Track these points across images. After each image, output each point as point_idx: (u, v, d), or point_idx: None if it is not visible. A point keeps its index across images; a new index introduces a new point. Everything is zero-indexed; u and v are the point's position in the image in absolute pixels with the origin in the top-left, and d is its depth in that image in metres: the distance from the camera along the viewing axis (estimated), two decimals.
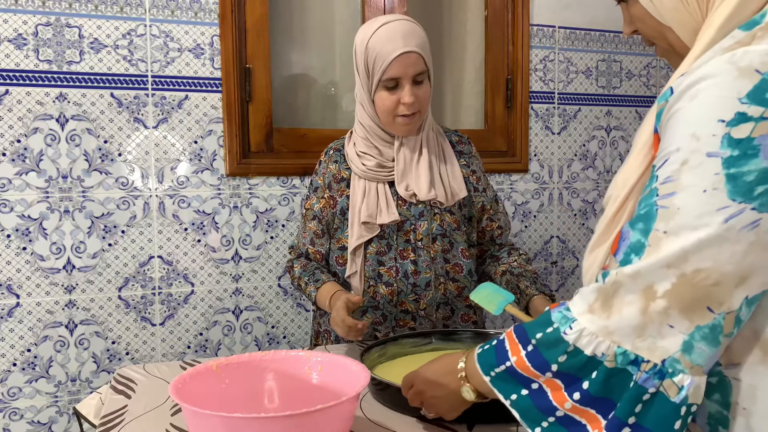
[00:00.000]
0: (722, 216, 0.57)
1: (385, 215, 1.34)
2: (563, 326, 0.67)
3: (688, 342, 0.60)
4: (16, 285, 1.65)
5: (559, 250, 2.24)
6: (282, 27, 1.97)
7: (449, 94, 2.24)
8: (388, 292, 1.37)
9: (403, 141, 1.37)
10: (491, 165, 2.11)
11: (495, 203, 1.48)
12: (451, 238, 1.40)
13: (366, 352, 1.20)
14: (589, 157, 2.26)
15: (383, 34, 1.27)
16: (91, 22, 1.68)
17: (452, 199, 1.37)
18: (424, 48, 1.30)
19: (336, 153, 1.44)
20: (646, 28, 0.76)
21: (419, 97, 1.30)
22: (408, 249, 1.37)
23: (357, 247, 1.36)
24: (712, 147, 0.58)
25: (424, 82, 1.31)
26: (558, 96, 2.20)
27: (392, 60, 1.25)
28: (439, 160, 1.40)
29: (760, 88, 0.57)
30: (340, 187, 1.40)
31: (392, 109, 1.30)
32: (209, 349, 1.85)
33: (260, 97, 1.86)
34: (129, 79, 1.72)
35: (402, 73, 1.27)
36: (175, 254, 1.79)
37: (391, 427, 0.96)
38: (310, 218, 1.44)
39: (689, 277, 0.59)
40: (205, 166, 1.80)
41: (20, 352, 1.67)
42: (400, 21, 1.29)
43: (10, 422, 1.67)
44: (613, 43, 2.26)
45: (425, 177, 1.35)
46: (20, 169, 1.64)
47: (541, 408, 0.69)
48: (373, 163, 1.36)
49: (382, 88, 1.29)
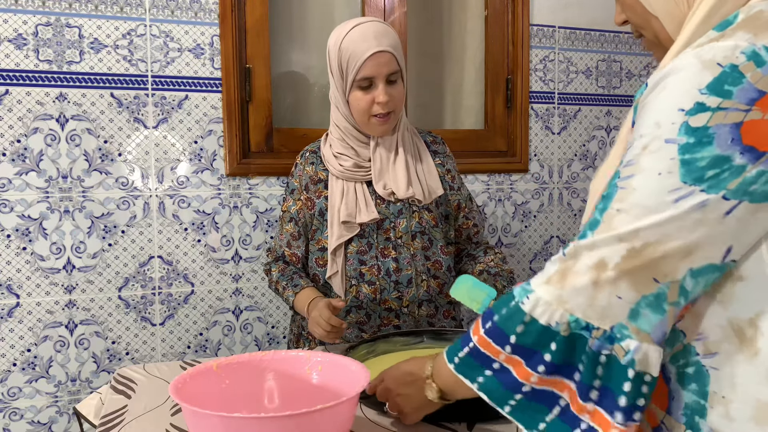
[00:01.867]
0: (673, 197, 0.61)
1: (364, 214, 1.35)
2: (521, 297, 0.70)
3: (635, 309, 0.64)
4: (16, 285, 1.65)
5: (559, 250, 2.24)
6: (282, 27, 1.97)
7: (449, 94, 2.24)
8: (370, 290, 1.38)
9: (379, 141, 1.38)
10: (491, 165, 2.11)
11: (469, 201, 1.50)
12: (431, 236, 1.42)
13: (353, 348, 1.21)
14: (589, 157, 2.26)
15: (356, 34, 1.29)
16: (91, 22, 1.68)
17: (429, 197, 1.39)
18: (397, 48, 1.32)
19: (312, 155, 1.45)
20: (635, 16, 0.78)
21: (393, 97, 1.32)
22: (389, 247, 1.38)
23: (337, 247, 1.37)
24: (671, 134, 0.62)
25: (398, 81, 1.33)
26: (558, 96, 2.20)
27: (366, 59, 1.27)
28: (415, 159, 1.41)
29: (720, 80, 0.60)
30: (318, 188, 1.41)
31: (367, 108, 1.32)
32: (209, 349, 1.85)
33: (260, 97, 1.86)
34: (129, 79, 1.72)
35: (376, 73, 1.29)
36: (175, 254, 1.79)
37: (391, 427, 0.96)
38: (287, 220, 1.45)
39: (638, 250, 0.63)
40: (205, 166, 1.80)
41: (20, 352, 1.67)
42: (373, 22, 1.32)
43: (10, 422, 1.67)
44: (613, 43, 2.26)
45: (402, 175, 1.37)
46: (20, 169, 1.64)
47: (507, 386, 0.71)
48: (350, 163, 1.38)
49: (356, 88, 1.31)
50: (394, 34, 1.33)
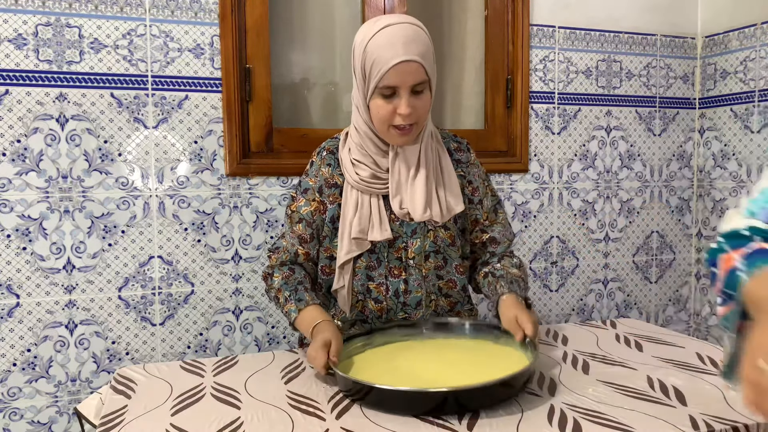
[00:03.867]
0: None
1: (377, 232, 1.27)
2: None
3: None
4: (16, 285, 1.65)
5: (559, 250, 2.24)
6: (282, 27, 1.97)
7: (449, 94, 2.24)
8: (377, 308, 1.34)
9: (398, 151, 1.29)
10: (491, 165, 2.11)
11: (493, 213, 1.41)
12: (445, 254, 1.34)
13: (348, 341, 1.22)
14: (589, 157, 2.26)
15: (383, 38, 1.17)
16: (91, 22, 1.68)
17: (448, 215, 1.31)
18: (426, 56, 1.20)
19: (329, 155, 1.35)
20: None
21: (417, 108, 1.21)
22: (399, 267, 1.32)
23: (345, 262, 1.29)
24: None
25: (424, 92, 1.22)
26: (558, 96, 2.20)
27: (390, 68, 1.16)
28: (436, 174, 1.32)
29: None
30: (332, 193, 1.33)
31: (387, 118, 1.21)
32: (209, 349, 1.85)
33: (260, 97, 1.86)
34: (129, 79, 1.72)
35: (400, 82, 1.18)
36: (175, 254, 1.79)
37: (390, 427, 0.96)
38: (296, 221, 1.34)
39: None
40: (205, 166, 1.80)
41: (20, 352, 1.67)
42: (403, 24, 1.19)
43: (10, 422, 1.67)
44: (613, 43, 2.26)
45: (420, 194, 1.27)
46: (20, 169, 1.64)
47: None
48: (368, 173, 1.29)
49: (378, 95, 1.21)
50: (425, 39, 1.21)
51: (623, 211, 2.33)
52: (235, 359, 1.33)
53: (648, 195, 2.37)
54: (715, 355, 1.30)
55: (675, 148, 2.39)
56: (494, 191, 1.44)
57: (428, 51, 1.21)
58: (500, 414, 0.99)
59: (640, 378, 1.16)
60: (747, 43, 2.21)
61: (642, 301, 2.40)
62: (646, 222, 2.37)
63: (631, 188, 2.33)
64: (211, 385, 1.16)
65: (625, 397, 1.06)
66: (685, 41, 2.37)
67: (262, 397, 1.10)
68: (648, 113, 2.34)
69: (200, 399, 1.09)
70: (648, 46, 2.31)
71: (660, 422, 0.96)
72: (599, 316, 2.33)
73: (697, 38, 2.39)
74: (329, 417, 1.00)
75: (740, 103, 2.24)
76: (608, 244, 2.32)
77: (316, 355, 1.12)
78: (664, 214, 2.40)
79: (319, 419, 0.99)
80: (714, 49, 2.34)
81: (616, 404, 1.03)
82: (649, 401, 1.04)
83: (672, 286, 2.44)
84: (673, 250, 2.43)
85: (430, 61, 1.22)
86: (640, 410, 1.00)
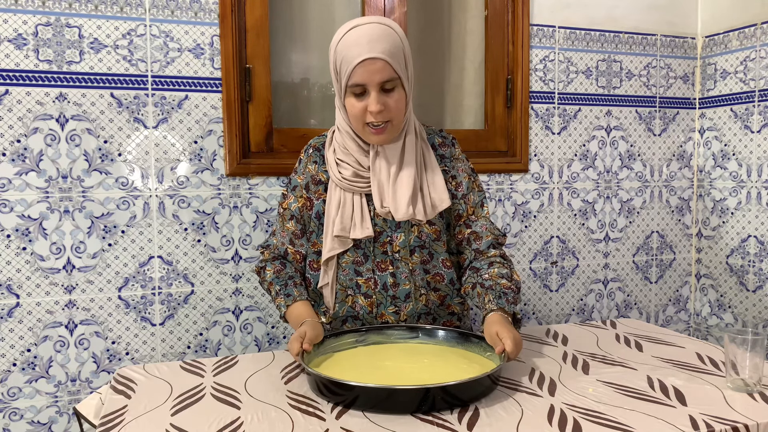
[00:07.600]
0: None
1: (358, 230, 1.30)
2: None
3: None
4: (16, 285, 1.65)
5: (559, 250, 2.24)
6: (282, 27, 1.97)
7: (449, 94, 2.24)
8: (367, 303, 1.35)
9: (379, 150, 1.31)
10: (491, 165, 2.11)
11: (479, 208, 1.40)
12: (431, 249, 1.35)
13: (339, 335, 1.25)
14: (589, 157, 2.26)
15: (351, 37, 1.22)
16: (91, 22, 1.67)
17: (432, 212, 1.31)
18: (394, 54, 1.22)
19: (315, 152, 1.40)
20: None
21: (388, 106, 1.23)
22: (386, 261, 1.33)
23: (329, 259, 1.33)
24: None
25: (396, 90, 1.24)
26: (558, 96, 2.20)
27: (356, 65, 1.20)
28: (420, 171, 1.32)
29: None
30: (318, 189, 1.37)
31: (360, 116, 1.25)
32: (209, 349, 1.85)
33: (260, 97, 1.86)
34: (129, 79, 1.72)
35: (367, 80, 1.21)
36: (175, 254, 1.79)
37: (390, 427, 0.96)
38: (287, 218, 1.40)
39: None
40: (205, 166, 1.80)
41: (20, 352, 1.67)
42: (371, 25, 1.23)
43: (10, 422, 1.67)
44: (613, 43, 2.26)
45: (403, 194, 1.28)
46: (20, 169, 1.64)
47: None
48: (350, 172, 1.32)
49: (350, 94, 1.25)
50: (394, 39, 1.23)
51: (623, 211, 2.33)
52: (235, 359, 1.33)
53: (648, 195, 2.37)
54: (715, 355, 1.30)
55: (675, 148, 2.39)
56: (481, 187, 1.43)
57: (397, 49, 1.23)
58: (500, 414, 1.00)
59: (640, 378, 1.16)
60: (747, 43, 2.21)
61: (642, 301, 2.40)
62: (646, 222, 2.37)
63: (631, 188, 2.33)
64: (211, 385, 1.16)
65: (625, 397, 1.06)
66: (685, 41, 2.37)
67: (262, 397, 1.10)
68: (648, 113, 2.34)
69: (200, 399, 1.09)
70: (648, 46, 2.31)
71: (660, 422, 0.96)
72: (599, 316, 2.33)
73: (697, 38, 2.39)
74: (329, 417, 1.00)
75: (740, 103, 2.24)
76: (608, 244, 2.32)
77: (291, 345, 1.17)
78: (664, 214, 2.40)
79: (319, 419, 0.99)
80: (714, 49, 2.34)
81: (616, 404, 1.03)
82: (649, 401, 1.04)
83: (672, 286, 2.44)
84: (673, 250, 2.43)
85: (400, 59, 1.24)
86: (640, 410, 1.00)
